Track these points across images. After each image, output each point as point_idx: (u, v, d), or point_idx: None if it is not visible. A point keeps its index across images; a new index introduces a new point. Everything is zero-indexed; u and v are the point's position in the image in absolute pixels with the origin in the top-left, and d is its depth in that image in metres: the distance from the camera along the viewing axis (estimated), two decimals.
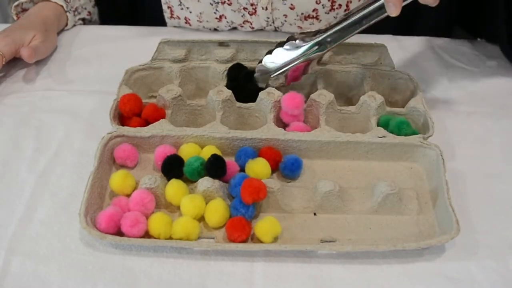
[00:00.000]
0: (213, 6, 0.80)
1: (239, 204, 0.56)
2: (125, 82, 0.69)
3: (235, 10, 0.80)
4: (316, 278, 0.53)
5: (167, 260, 0.54)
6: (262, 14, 0.80)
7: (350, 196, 0.60)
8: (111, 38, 0.84)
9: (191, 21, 0.83)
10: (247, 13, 0.80)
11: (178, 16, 0.83)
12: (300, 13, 0.80)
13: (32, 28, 0.77)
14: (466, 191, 0.61)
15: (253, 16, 0.80)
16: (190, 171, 0.59)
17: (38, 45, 0.76)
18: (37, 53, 0.76)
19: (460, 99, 0.73)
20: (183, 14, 0.83)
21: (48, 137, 0.67)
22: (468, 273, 0.54)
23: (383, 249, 0.53)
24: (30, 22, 0.79)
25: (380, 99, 0.66)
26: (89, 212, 0.55)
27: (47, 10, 0.82)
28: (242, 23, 0.82)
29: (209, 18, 0.82)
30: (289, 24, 0.82)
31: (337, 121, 0.67)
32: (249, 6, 0.79)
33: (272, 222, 0.55)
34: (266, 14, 0.80)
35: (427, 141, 0.62)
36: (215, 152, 0.61)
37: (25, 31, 0.77)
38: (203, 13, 0.81)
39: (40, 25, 0.78)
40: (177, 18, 0.84)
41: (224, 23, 0.82)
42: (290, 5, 0.79)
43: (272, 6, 0.79)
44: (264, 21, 0.81)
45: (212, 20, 0.82)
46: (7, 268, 0.53)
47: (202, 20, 0.82)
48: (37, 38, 0.77)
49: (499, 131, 0.69)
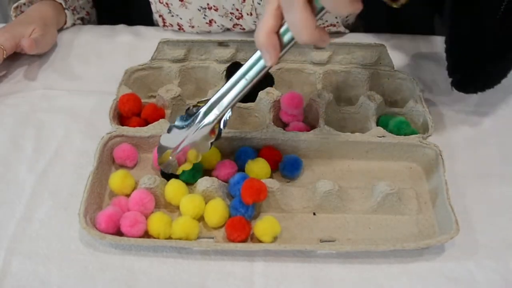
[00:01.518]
0: (201, 11, 0.80)
1: (238, 204, 0.56)
2: (125, 82, 0.69)
3: (222, 15, 0.80)
4: (316, 278, 0.53)
5: (166, 260, 0.54)
6: (248, 18, 0.80)
7: (349, 196, 0.60)
8: (110, 38, 0.84)
9: (184, 27, 0.83)
10: (234, 17, 0.80)
11: (171, 23, 0.84)
12: None
13: (31, 22, 0.78)
14: (466, 191, 0.61)
15: (240, 19, 0.80)
16: (185, 177, 0.59)
17: (38, 38, 0.76)
18: (38, 45, 0.76)
19: (460, 99, 0.73)
20: (175, 21, 0.83)
21: (48, 137, 0.67)
22: (467, 273, 0.54)
23: (383, 249, 0.53)
24: (29, 17, 0.80)
25: (379, 99, 0.66)
26: (89, 212, 0.55)
27: (46, 6, 0.82)
28: (232, 27, 0.82)
29: (199, 23, 0.82)
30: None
31: (337, 121, 0.67)
32: (235, 11, 0.79)
33: (272, 222, 0.55)
34: (252, 19, 0.80)
35: (427, 141, 0.62)
36: (213, 149, 0.61)
37: (24, 25, 0.77)
38: (193, 19, 0.81)
39: (39, 20, 0.79)
40: (170, 26, 0.84)
41: (215, 27, 0.82)
42: None
43: (256, 12, 0.79)
44: (252, 24, 0.81)
45: (203, 25, 0.82)
46: (7, 268, 0.53)
47: (194, 26, 0.83)
48: (37, 31, 0.77)
49: (498, 131, 0.69)
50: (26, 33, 0.76)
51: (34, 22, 0.78)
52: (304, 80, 0.72)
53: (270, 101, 0.65)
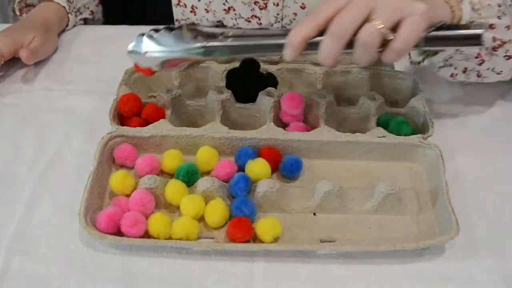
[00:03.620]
0: None
1: (242, 204, 0.56)
2: (125, 82, 0.69)
3: (246, 3, 0.79)
4: (316, 278, 0.53)
5: (167, 260, 0.54)
6: (272, 10, 0.79)
7: (349, 196, 0.60)
8: (111, 38, 0.84)
9: (198, 10, 0.82)
10: (257, 8, 0.79)
11: (185, 4, 0.83)
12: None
13: (33, 29, 0.78)
14: (466, 191, 0.61)
15: (263, 11, 0.80)
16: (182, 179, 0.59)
17: (37, 47, 0.76)
18: (36, 55, 0.76)
19: (460, 99, 0.73)
20: (190, 2, 0.82)
21: (48, 137, 0.67)
22: (468, 273, 0.54)
23: (383, 249, 0.53)
24: (31, 23, 0.80)
25: (380, 99, 0.66)
26: (89, 212, 0.55)
27: (49, 11, 0.82)
28: (250, 17, 0.81)
29: (217, 8, 0.81)
30: (298, 22, 0.82)
31: (337, 121, 0.67)
32: (260, 0, 0.79)
33: (274, 222, 0.55)
34: (276, 11, 0.79)
35: (427, 141, 0.62)
36: (211, 149, 0.61)
37: (25, 31, 0.77)
38: (212, 2, 0.81)
39: (41, 26, 0.79)
40: (183, 6, 0.83)
41: (232, 15, 0.82)
42: (301, 4, 0.78)
43: (283, 3, 0.78)
44: (273, 17, 0.81)
45: (220, 11, 0.81)
46: (7, 268, 0.53)
47: (210, 10, 0.81)
48: (37, 39, 0.77)
49: (499, 131, 0.69)
50: (26, 40, 0.76)
51: (36, 29, 0.78)
52: (304, 80, 0.72)
53: (271, 101, 0.65)
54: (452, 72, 0.67)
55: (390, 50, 0.52)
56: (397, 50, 0.52)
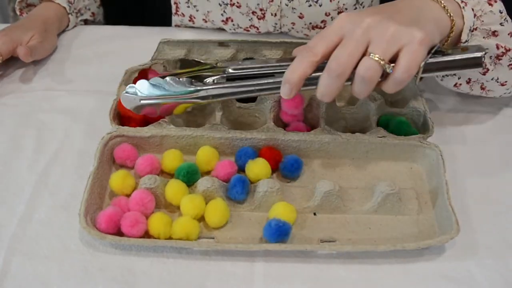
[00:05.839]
0: (222, 7, 0.79)
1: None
2: (125, 82, 0.69)
3: (244, 13, 0.79)
4: (316, 278, 0.53)
5: (167, 260, 0.54)
6: (270, 20, 0.79)
7: (350, 196, 0.60)
8: (111, 38, 0.84)
9: (196, 20, 0.83)
10: (255, 18, 0.80)
11: (183, 13, 0.83)
12: (309, 22, 0.80)
13: (32, 28, 0.78)
14: (466, 191, 0.61)
15: (261, 20, 0.80)
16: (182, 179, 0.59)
17: (36, 45, 0.76)
18: (34, 53, 0.76)
19: (460, 99, 0.73)
20: (188, 12, 0.82)
21: (48, 137, 0.67)
22: (468, 273, 0.54)
23: (383, 249, 0.53)
24: (30, 22, 0.79)
25: (380, 99, 0.66)
26: (89, 212, 0.55)
27: (49, 11, 0.82)
28: (248, 27, 0.82)
29: (215, 18, 0.81)
30: (296, 31, 0.82)
31: (337, 121, 0.67)
32: (258, 10, 0.79)
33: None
34: (274, 20, 0.80)
35: (427, 141, 0.62)
36: (211, 149, 0.61)
37: (24, 30, 0.77)
38: (210, 12, 0.81)
39: (40, 26, 0.79)
40: (181, 15, 0.84)
41: (230, 25, 0.82)
42: (299, 14, 0.78)
43: (281, 13, 0.78)
44: (271, 26, 0.81)
45: (218, 21, 0.82)
46: (7, 268, 0.53)
47: (208, 20, 0.82)
48: (35, 38, 0.77)
49: (499, 131, 0.69)
50: (24, 39, 0.76)
51: (35, 27, 0.78)
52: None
53: (271, 101, 0.65)
54: (456, 82, 0.66)
55: (390, 81, 0.51)
56: (397, 81, 0.51)
